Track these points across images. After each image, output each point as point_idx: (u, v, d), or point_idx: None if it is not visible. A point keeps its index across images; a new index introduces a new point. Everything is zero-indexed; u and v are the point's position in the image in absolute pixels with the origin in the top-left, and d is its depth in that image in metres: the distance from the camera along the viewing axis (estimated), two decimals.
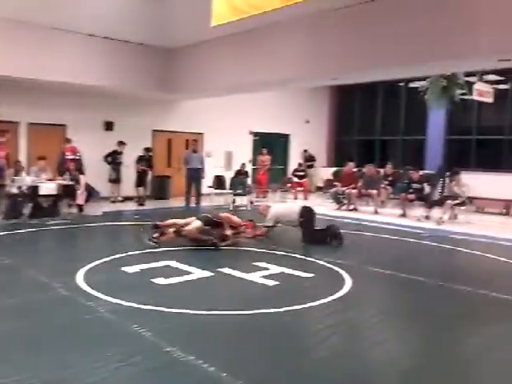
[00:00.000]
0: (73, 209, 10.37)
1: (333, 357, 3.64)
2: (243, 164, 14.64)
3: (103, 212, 10.70)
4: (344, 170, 13.50)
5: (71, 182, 10.26)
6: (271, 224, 8.07)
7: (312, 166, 17.11)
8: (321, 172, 17.34)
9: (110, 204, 12.26)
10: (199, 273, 5.70)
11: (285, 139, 17.47)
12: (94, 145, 12.42)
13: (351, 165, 13.37)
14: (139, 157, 12.96)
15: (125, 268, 5.78)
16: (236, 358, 3.52)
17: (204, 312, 4.36)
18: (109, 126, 13.30)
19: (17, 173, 10.08)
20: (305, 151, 17.45)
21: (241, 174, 14.16)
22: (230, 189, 13.31)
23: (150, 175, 13.51)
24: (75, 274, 5.40)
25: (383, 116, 16.96)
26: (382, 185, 12.47)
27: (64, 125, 12.48)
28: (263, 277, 5.60)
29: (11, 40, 9.93)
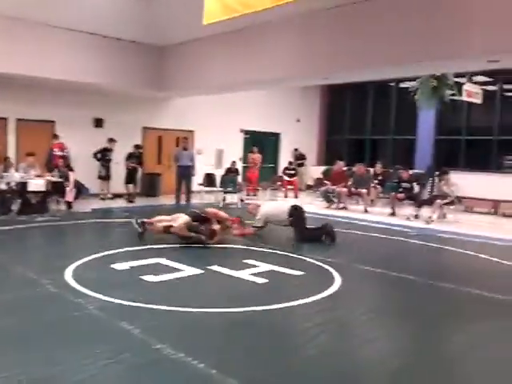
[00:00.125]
0: (61, 205, 10.31)
1: (322, 355, 3.65)
2: (234, 162, 14.66)
3: (92, 209, 10.65)
4: (334, 169, 13.55)
5: (60, 179, 10.20)
6: (260, 224, 8.07)
7: (302, 165, 17.15)
8: (311, 171, 17.38)
9: (100, 201, 12.19)
10: (189, 270, 5.70)
11: (275, 138, 17.49)
12: (84, 141, 12.36)
13: (341, 164, 13.42)
14: (129, 154, 12.90)
15: (114, 265, 5.76)
16: (226, 355, 3.52)
17: (193, 309, 4.36)
18: (98, 123, 13.22)
19: (6, 169, 10.00)
20: (295, 150, 17.49)
21: (231, 172, 14.18)
22: (221, 187, 13.31)
23: (140, 172, 13.47)
24: (64, 271, 5.37)
25: (374, 116, 17.03)
26: (372, 184, 12.53)
27: (53, 121, 12.39)
28: (253, 274, 5.61)
29: (0, 36, 9.82)
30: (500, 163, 13.61)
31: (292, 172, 15.66)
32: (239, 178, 14.55)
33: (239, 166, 15.35)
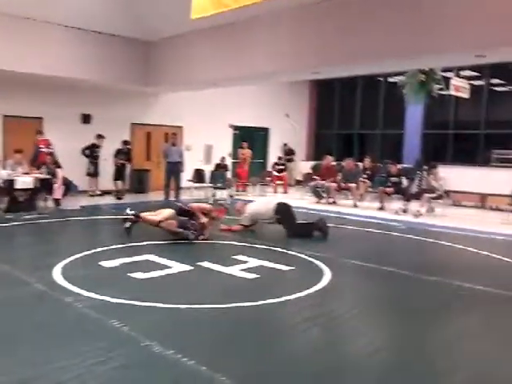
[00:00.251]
0: (50, 203, 10.22)
1: (312, 349, 3.67)
2: (223, 157, 14.63)
3: (81, 206, 10.57)
4: (323, 164, 13.58)
5: (48, 176, 10.11)
6: (247, 223, 8.08)
7: (292, 160, 17.16)
8: (300, 166, 17.39)
9: (88, 198, 12.11)
10: (178, 267, 5.68)
11: (265, 133, 17.47)
12: (71, 138, 12.26)
13: (330, 158, 13.45)
14: (117, 150, 12.82)
15: (103, 262, 5.73)
16: (216, 352, 3.52)
17: (183, 306, 4.35)
18: (86, 119, 13.11)
19: None
20: (285, 145, 17.49)
21: (221, 168, 14.14)
22: (210, 182, 13.28)
23: (129, 169, 13.38)
24: (52, 269, 5.33)
25: (362, 110, 17.06)
26: (361, 178, 12.58)
27: (40, 117, 12.27)
28: (243, 270, 5.61)
29: None
30: (487, 157, 13.70)
31: (281, 167, 15.66)
32: (229, 174, 14.52)
33: (229, 162, 15.31)
